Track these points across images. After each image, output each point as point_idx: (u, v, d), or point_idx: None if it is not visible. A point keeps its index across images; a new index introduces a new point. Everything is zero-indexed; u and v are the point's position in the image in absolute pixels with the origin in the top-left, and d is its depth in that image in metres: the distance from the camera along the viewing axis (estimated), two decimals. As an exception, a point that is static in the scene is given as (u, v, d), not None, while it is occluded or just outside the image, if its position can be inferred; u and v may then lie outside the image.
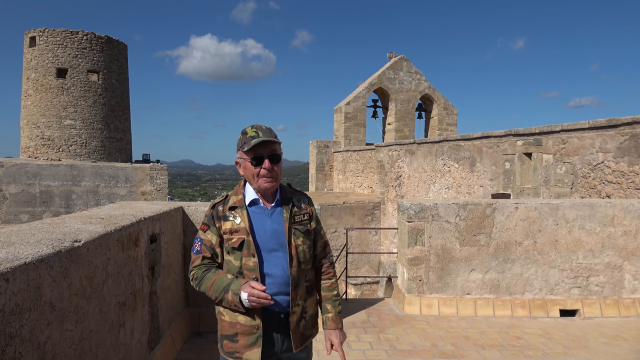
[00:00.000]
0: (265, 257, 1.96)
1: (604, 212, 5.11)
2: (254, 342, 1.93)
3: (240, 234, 1.95)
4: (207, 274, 1.97)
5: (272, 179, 1.96)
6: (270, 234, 1.98)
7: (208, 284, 1.94)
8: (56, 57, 19.18)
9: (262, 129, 1.96)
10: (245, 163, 1.97)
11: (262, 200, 2.02)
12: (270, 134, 1.95)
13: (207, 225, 2.02)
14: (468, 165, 11.26)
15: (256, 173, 1.95)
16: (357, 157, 19.06)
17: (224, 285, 1.90)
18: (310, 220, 2.10)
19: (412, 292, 5.15)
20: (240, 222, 1.96)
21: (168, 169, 18.36)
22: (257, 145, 1.92)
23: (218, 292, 1.91)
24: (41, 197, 16.73)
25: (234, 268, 1.95)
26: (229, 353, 1.98)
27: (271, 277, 1.95)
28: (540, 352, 4.05)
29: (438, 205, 5.12)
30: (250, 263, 1.93)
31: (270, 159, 1.94)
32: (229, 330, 1.97)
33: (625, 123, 6.93)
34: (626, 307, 5.08)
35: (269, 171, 1.94)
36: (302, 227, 2.05)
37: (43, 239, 2.10)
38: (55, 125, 19.22)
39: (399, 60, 22.04)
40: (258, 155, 1.94)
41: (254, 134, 1.94)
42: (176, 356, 3.83)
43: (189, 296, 4.52)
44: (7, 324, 1.53)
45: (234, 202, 2.01)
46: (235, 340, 1.95)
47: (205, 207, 4.53)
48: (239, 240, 1.94)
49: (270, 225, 1.99)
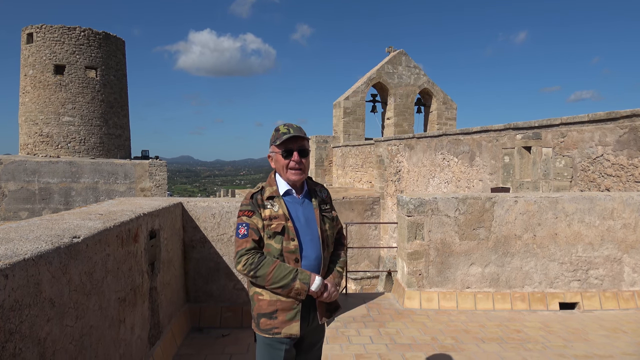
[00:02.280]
0: (302, 240, 2.16)
1: (603, 205, 5.12)
2: (292, 316, 2.11)
3: (279, 220, 2.14)
4: (264, 259, 2.10)
5: (300, 170, 2.18)
6: (304, 221, 2.20)
7: (267, 269, 2.07)
8: (54, 54, 19.11)
9: (293, 126, 2.19)
10: (277, 156, 2.20)
11: (294, 191, 2.24)
12: (300, 131, 2.18)
13: (252, 212, 2.16)
14: (467, 159, 11.25)
15: (286, 165, 2.17)
16: (356, 152, 19.05)
17: (287, 273, 2.07)
18: (331, 209, 2.36)
19: (412, 286, 5.16)
20: (279, 209, 2.16)
21: (167, 165, 18.33)
22: (287, 140, 2.16)
23: (279, 278, 2.06)
24: (40, 194, 16.71)
25: (275, 251, 2.12)
26: (266, 330, 2.12)
27: (307, 259, 2.16)
28: (540, 345, 4.06)
29: (437, 199, 5.12)
30: (291, 246, 2.12)
31: (299, 152, 2.18)
32: (267, 308, 2.12)
33: (624, 116, 6.92)
34: (625, 300, 5.10)
35: (298, 163, 2.17)
36: (328, 215, 2.30)
37: (42, 235, 2.09)
38: (54, 121, 19.17)
39: (398, 55, 21.98)
40: (288, 149, 2.17)
41: (285, 131, 2.17)
42: (177, 352, 3.84)
43: (189, 292, 4.52)
44: (6, 320, 1.52)
45: (270, 193, 2.20)
46: (274, 317, 2.11)
47: (204, 203, 4.53)
48: (280, 226, 2.13)
49: (302, 213, 2.22)
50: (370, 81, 21.56)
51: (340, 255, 2.38)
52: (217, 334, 4.27)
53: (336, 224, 2.38)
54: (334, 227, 2.34)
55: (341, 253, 2.39)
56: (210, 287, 4.50)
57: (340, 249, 2.40)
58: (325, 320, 2.23)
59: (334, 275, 2.26)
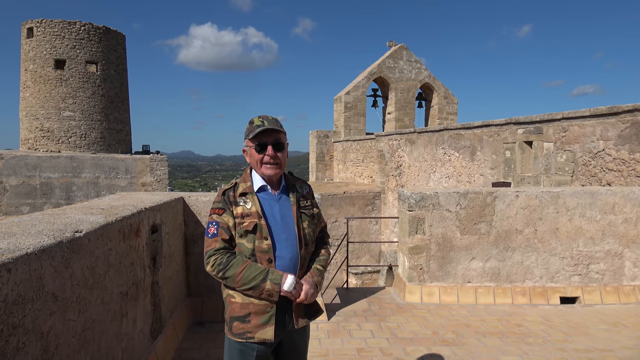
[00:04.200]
0: (276, 239, 2.03)
1: (604, 199, 5.11)
2: (266, 321, 1.99)
3: (252, 217, 2.02)
4: (232, 259, 1.98)
5: (275, 165, 2.06)
6: (279, 218, 2.07)
7: (236, 270, 1.95)
8: (54, 48, 19.05)
9: (268, 118, 2.07)
10: (251, 150, 2.08)
11: (269, 187, 2.11)
12: (275, 124, 2.05)
13: (222, 209, 2.06)
14: (468, 154, 11.24)
15: (260, 159, 2.05)
16: (357, 147, 19.02)
17: (257, 274, 1.94)
18: (312, 205, 2.21)
19: (413, 280, 5.17)
20: (252, 206, 2.04)
21: (168, 160, 18.33)
22: (261, 133, 2.03)
23: (249, 279, 1.94)
24: (41, 188, 16.73)
25: (246, 250, 2.01)
26: (239, 334, 2.01)
27: (282, 259, 2.03)
28: (541, 339, 4.07)
29: (439, 194, 5.12)
30: (263, 245, 2.00)
31: (274, 146, 2.04)
32: (240, 311, 2.01)
33: (626, 111, 6.89)
34: (626, 294, 5.10)
35: (272, 158, 2.04)
36: (307, 212, 2.16)
37: (44, 230, 2.09)
38: (55, 116, 19.15)
39: (399, 49, 21.90)
40: (262, 143, 2.04)
41: (259, 123, 2.04)
42: (178, 345, 3.86)
43: (190, 286, 4.53)
44: (9, 314, 1.53)
45: (243, 189, 2.09)
46: (247, 320, 2.00)
47: (205, 197, 4.53)
48: (252, 224, 2.01)
49: (278, 210, 2.09)
50: (371, 76, 21.50)
51: (321, 253, 2.21)
52: (219, 328, 4.28)
53: (318, 222, 2.24)
54: (315, 224, 2.19)
55: (322, 251, 2.23)
56: (211, 282, 4.51)
57: (321, 247, 2.24)
58: (303, 324, 2.07)
59: (311, 274, 2.09)
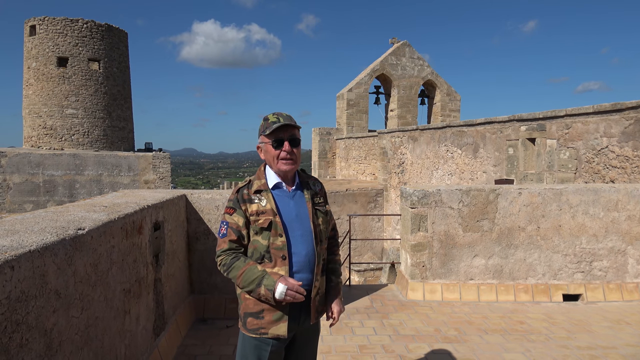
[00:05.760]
0: (291, 236, 2.05)
1: (607, 196, 5.09)
2: (280, 317, 2.01)
3: (267, 215, 2.03)
4: (235, 262, 2.02)
5: (291, 161, 2.07)
6: (294, 215, 2.08)
7: (237, 273, 2.00)
8: (57, 46, 19.09)
9: (283, 115, 2.08)
10: (267, 146, 2.08)
11: (284, 184, 2.13)
12: (290, 120, 2.07)
13: (232, 209, 2.08)
14: (471, 151, 11.21)
15: (276, 155, 2.06)
16: (360, 144, 19.00)
17: (254, 279, 1.97)
18: (325, 202, 2.24)
19: (415, 278, 5.17)
20: (267, 204, 2.05)
21: (171, 157, 18.37)
22: (278, 129, 2.04)
23: (247, 282, 1.98)
24: (45, 186, 16.79)
25: (261, 247, 2.03)
26: (253, 330, 2.04)
27: (297, 256, 2.05)
28: (543, 337, 4.07)
29: (441, 191, 5.11)
30: (278, 242, 2.01)
31: (290, 142, 2.06)
32: (254, 307, 2.03)
33: (630, 107, 6.86)
34: (629, 292, 5.09)
35: (289, 153, 2.05)
36: (321, 208, 2.19)
37: (47, 227, 2.10)
38: (57, 114, 19.20)
39: (402, 46, 21.83)
40: (279, 139, 2.05)
41: (275, 120, 2.06)
42: (181, 342, 3.87)
43: (193, 283, 4.55)
44: (13, 311, 1.54)
45: (258, 186, 2.09)
46: (260, 316, 2.02)
47: (208, 195, 4.54)
48: (267, 221, 2.02)
49: (294, 207, 2.10)
50: (374, 73, 21.44)
51: (336, 260, 2.27)
52: (222, 325, 4.30)
53: (330, 219, 2.27)
54: (327, 221, 2.23)
55: (337, 258, 2.28)
56: (214, 279, 4.52)
57: (335, 250, 2.29)
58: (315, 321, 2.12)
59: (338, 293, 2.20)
